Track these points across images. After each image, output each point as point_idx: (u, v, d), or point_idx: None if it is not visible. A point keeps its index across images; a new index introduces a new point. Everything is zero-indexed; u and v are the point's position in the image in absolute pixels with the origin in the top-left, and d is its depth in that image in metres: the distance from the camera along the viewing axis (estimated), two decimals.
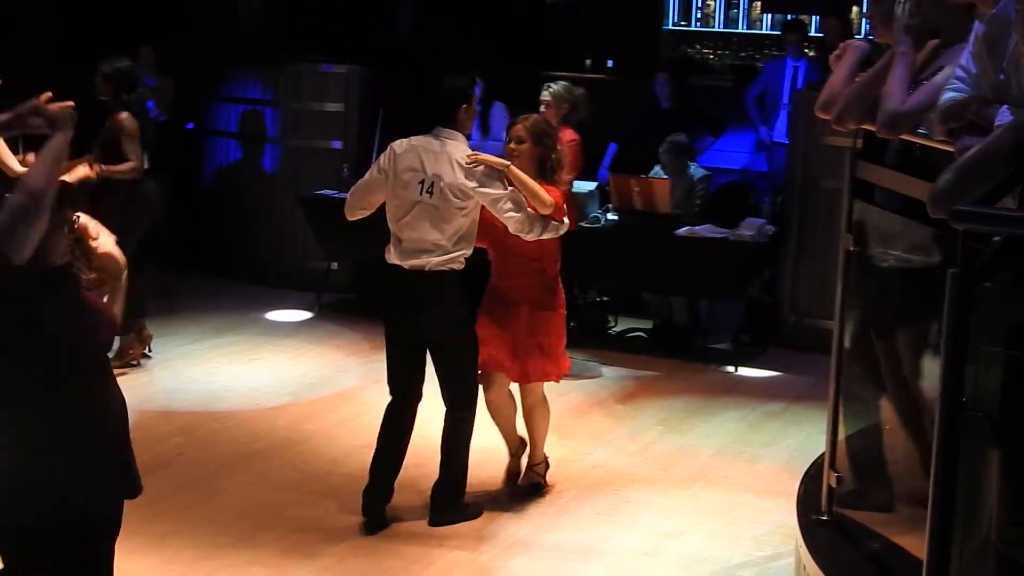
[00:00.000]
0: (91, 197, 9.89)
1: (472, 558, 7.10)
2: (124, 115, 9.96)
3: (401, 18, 17.10)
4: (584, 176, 10.95)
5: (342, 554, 7.08)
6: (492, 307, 7.83)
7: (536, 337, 7.82)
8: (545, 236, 7.49)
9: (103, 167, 9.77)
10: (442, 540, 7.29)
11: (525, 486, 8.11)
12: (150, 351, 10.33)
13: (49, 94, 4.58)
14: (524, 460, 8.14)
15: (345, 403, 9.54)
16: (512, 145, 7.76)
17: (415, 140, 7.58)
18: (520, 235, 7.46)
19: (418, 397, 7.67)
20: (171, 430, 8.86)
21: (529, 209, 7.42)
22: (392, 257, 7.53)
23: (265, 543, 7.19)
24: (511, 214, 7.38)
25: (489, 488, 8.04)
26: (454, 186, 7.38)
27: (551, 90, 10.01)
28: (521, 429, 8.08)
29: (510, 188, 7.41)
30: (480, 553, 7.16)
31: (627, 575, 7.00)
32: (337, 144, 12.83)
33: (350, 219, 7.88)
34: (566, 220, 7.62)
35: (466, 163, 7.43)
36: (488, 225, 7.61)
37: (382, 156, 7.69)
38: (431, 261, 7.40)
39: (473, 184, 7.37)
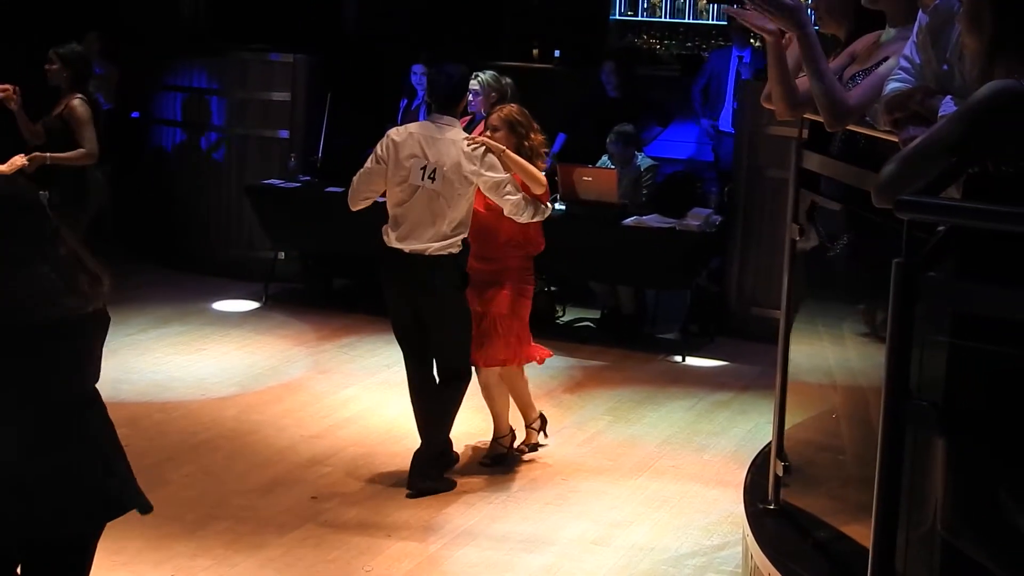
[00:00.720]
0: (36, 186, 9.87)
1: (420, 548, 7.09)
2: (76, 101, 9.91)
3: (348, 7, 17.05)
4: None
5: (288, 545, 7.06)
6: (469, 290, 7.95)
7: (506, 322, 8.04)
8: (535, 219, 7.77)
9: (52, 155, 9.73)
10: (390, 531, 7.28)
11: (489, 459, 8.32)
12: None
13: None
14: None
15: (292, 393, 9.51)
16: (487, 134, 7.94)
17: (413, 128, 7.82)
18: (515, 217, 7.71)
19: (446, 365, 7.91)
20: (116, 421, 8.63)
21: (523, 193, 7.69)
22: (392, 241, 7.70)
23: (211, 534, 7.16)
24: (510, 197, 7.64)
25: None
26: (456, 171, 7.59)
27: (479, 79, 10.00)
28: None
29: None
30: (428, 543, 7.15)
31: (574, 564, 7.00)
32: (284, 133, 12.78)
33: (354, 209, 8.01)
34: (550, 204, 7.89)
35: (468, 147, 7.65)
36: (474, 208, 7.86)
37: (379, 145, 7.84)
38: (432, 246, 7.61)
39: (474, 168, 7.60)
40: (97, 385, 4.99)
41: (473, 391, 8.16)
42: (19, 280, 4.54)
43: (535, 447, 8.56)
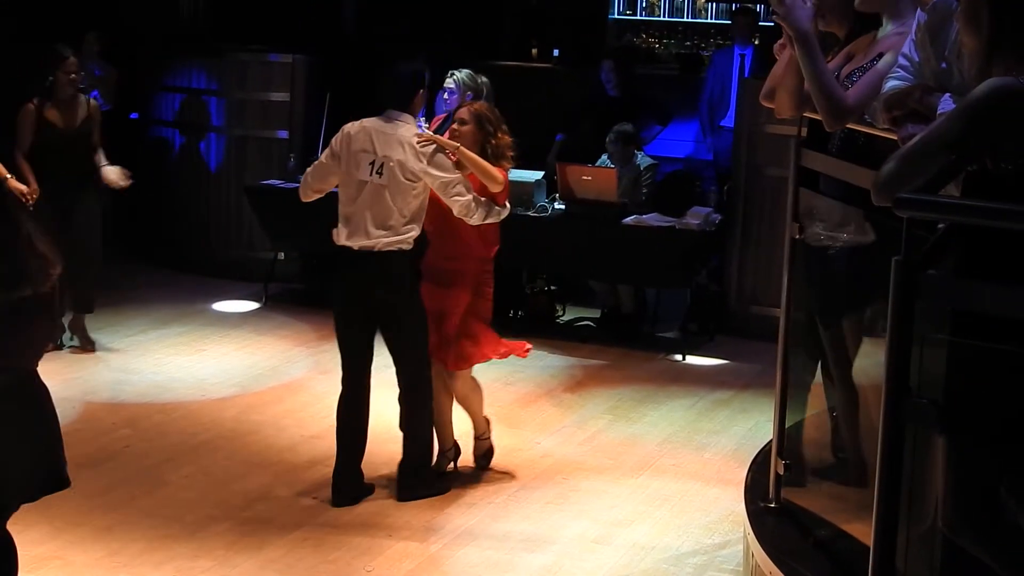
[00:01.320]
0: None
1: (421, 548, 7.09)
2: (94, 103, 10.05)
3: (347, 7, 17.05)
4: (531, 165, 10.94)
5: (289, 545, 7.06)
6: (427, 287, 7.86)
7: (467, 322, 7.92)
8: (488, 221, 7.63)
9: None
10: (390, 531, 7.28)
11: (479, 456, 8.27)
12: (62, 344, 10.25)
13: None
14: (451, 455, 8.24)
15: (292, 394, 9.51)
16: (455, 126, 7.90)
17: (367, 122, 7.69)
18: (465, 219, 7.56)
19: (369, 380, 7.77)
20: (117, 422, 8.81)
21: (475, 194, 7.55)
22: (341, 238, 7.60)
23: (212, 535, 7.15)
24: (458, 198, 7.50)
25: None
26: (404, 167, 7.48)
27: (455, 77, 10.00)
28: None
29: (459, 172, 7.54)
30: (429, 543, 7.15)
31: (575, 563, 7.00)
32: (283, 134, 12.78)
33: (304, 201, 7.98)
34: (507, 205, 7.76)
35: (418, 143, 7.55)
36: (433, 204, 7.70)
37: (335, 139, 7.79)
38: (380, 242, 7.49)
39: (423, 166, 7.48)
40: (98, 385, 5.00)
41: None
42: None
43: (488, 456, 8.37)
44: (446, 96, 9.82)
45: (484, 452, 8.28)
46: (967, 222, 4.06)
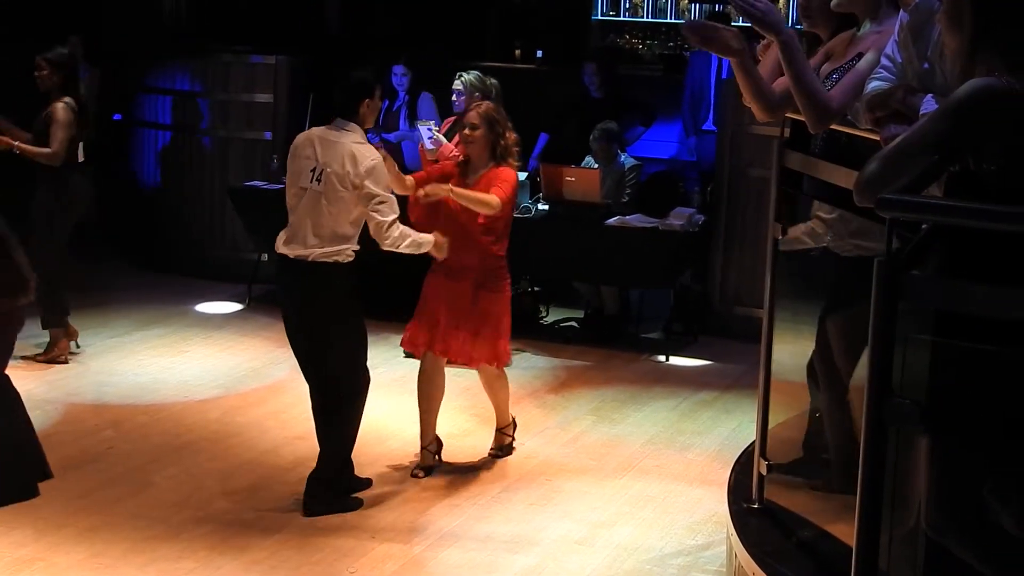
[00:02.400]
0: (21, 191, 9.90)
1: (404, 550, 7.08)
2: (60, 104, 9.89)
3: (330, 8, 17.04)
4: None
5: (273, 547, 7.05)
6: (436, 280, 8.02)
7: (473, 319, 8.00)
8: (400, 248, 7.50)
9: (20, 144, 9.72)
10: (374, 532, 7.27)
11: (495, 449, 8.38)
12: (78, 346, 10.25)
13: None
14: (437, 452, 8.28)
15: (276, 395, 9.50)
16: (466, 131, 8.03)
17: (315, 130, 7.68)
18: (375, 236, 7.46)
19: (327, 381, 7.67)
20: (100, 423, 8.79)
21: (395, 219, 7.46)
22: (279, 245, 7.56)
23: (195, 536, 7.14)
24: (376, 215, 7.41)
25: (422, 479, 8.03)
26: (342, 176, 7.42)
27: (463, 79, 9.99)
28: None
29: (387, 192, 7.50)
30: (412, 545, 7.14)
31: (559, 565, 7.00)
32: (267, 135, 12.77)
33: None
34: (428, 238, 7.66)
35: (415, 198, 7.86)
36: (443, 206, 7.89)
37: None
38: (314, 252, 7.42)
39: (359, 175, 7.40)
40: (81, 387, 5.02)
41: (458, 390, 8.18)
42: None
43: (509, 450, 8.55)
44: (454, 98, 9.85)
45: (502, 446, 8.43)
46: (950, 222, 4.06)
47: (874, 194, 4.06)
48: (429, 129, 9.43)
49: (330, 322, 7.52)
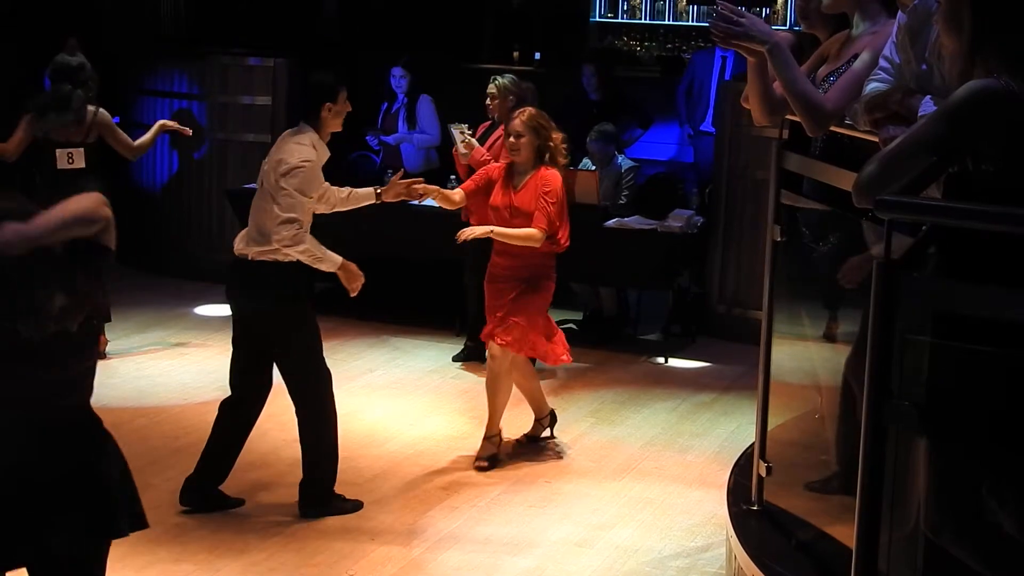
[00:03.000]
0: (28, 194, 9.89)
1: (404, 552, 7.08)
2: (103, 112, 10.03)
3: (327, 10, 17.04)
4: None
5: (271, 549, 7.05)
6: (490, 287, 8.35)
7: (514, 313, 8.19)
8: (292, 253, 7.33)
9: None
10: (373, 535, 7.27)
11: (486, 460, 8.35)
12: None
13: None
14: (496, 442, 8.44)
15: (273, 397, 9.40)
16: (511, 139, 8.19)
17: (285, 132, 7.70)
18: (274, 232, 7.30)
19: (256, 399, 7.66)
20: None
21: (300, 226, 7.34)
22: (235, 247, 7.56)
23: (194, 539, 7.15)
24: (275, 210, 7.29)
25: (421, 482, 8.03)
26: (268, 172, 7.45)
27: (497, 82, 9.98)
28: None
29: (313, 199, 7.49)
30: (411, 547, 7.14)
31: (559, 566, 7.00)
32: (265, 137, 12.75)
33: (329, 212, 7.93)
34: (332, 259, 7.49)
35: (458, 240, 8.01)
36: (483, 205, 8.21)
37: None
38: (253, 250, 7.38)
39: (282, 175, 7.35)
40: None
41: (457, 391, 8.18)
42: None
43: (536, 439, 8.71)
44: (488, 102, 9.86)
45: (490, 456, 8.38)
46: (948, 224, 4.06)
47: (873, 196, 4.06)
48: (462, 132, 9.43)
49: (275, 323, 7.44)
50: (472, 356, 10.21)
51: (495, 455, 8.35)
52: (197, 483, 7.58)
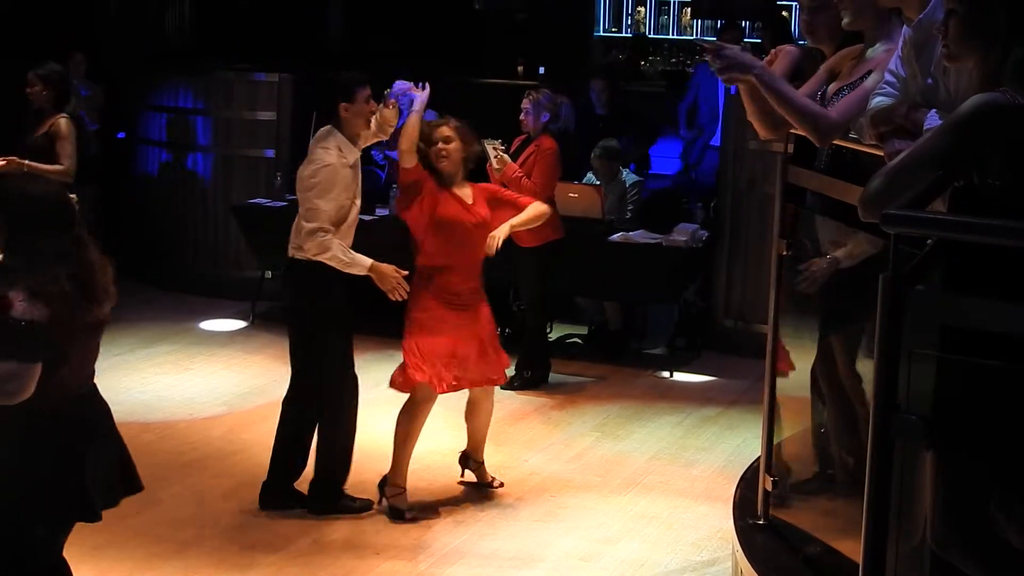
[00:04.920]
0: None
1: (409, 567, 7.08)
2: (62, 119, 9.95)
3: (331, 25, 17.06)
4: None
5: (278, 564, 7.05)
6: (445, 314, 7.73)
7: (493, 336, 8.06)
8: (323, 259, 7.47)
9: (29, 163, 9.72)
10: (378, 549, 7.27)
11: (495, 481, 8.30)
12: None
13: None
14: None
15: (276, 408, 9.48)
16: (439, 145, 7.85)
17: (316, 136, 7.80)
18: (299, 241, 7.50)
19: (299, 390, 7.80)
20: None
21: (319, 236, 7.46)
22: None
23: (201, 553, 7.15)
24: (304, 222, 7.46)
25: (427, 496, 8.02)
26: (296, 178, 7.69)
27: (531, 97, 9.98)
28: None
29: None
30: (417, 562, 7.14)
31: None
32: (269, 153, 12.77)
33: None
34: (363, 262, 7.60)
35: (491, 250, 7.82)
36: (459, 228, 7.70)
37: None
38: (289, 248, 7.62)
39: (300, 190, 7.55)
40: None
41: (459, 408, 8.17)
42: (37, 279, 4.68)
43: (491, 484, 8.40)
44: (522, 117, 9.87)
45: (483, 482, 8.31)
46: (954, 238, 4.06)
47: (878, 209, 4.06)
48: (495, 148, 9.45)
49: (295, 319, 7.70)
50: (527, 385, 10.25)
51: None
52: (271, 483, 7.79)
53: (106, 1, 15.52)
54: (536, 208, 7.98)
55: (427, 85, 7.83)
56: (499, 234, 7.82)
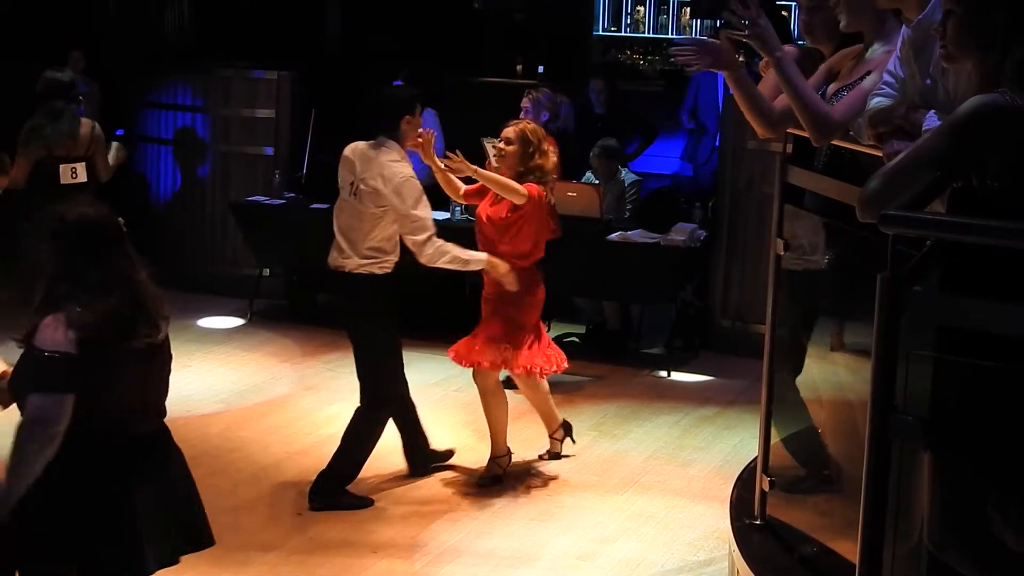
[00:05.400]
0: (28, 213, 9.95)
1: (405, 566, 7.08)
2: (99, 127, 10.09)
3: (330, 23, 17.05)
4: None
5: (274, 562, 7.05)
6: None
7: (499, 324, 8.14)
8: (440, 264, 7.73)
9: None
10: (375, 548, 7.27)
11: (487, 479, 8.29)
12: None
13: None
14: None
15: (278, 410, 9.50)
16: (501, 145, 8.11)
17: (361, 144, 7.88)
18: (416, 254, 7.74)
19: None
20: None
21: (431, 236, 7.67)
22: (329, 257, 7.82)
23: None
24: (411, 237, 7.68)
25: (422, 495, 8.03)
26: (374, 194, 7.65)
27: (531, 96, 9.97)
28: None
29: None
30: (413, 561, 7.14)
31: None
32: (268, 150, 12.78)
33: None
34: (478, 257, 7.90)
35: (442, 165, 7.94)
36: (480, 234, 8.06)
37: None
38: (349, 263, 7.70)
39: (390, 196, 7.62)
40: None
41: (459, 404, 8.17)
42: (97, 307, 4.61)
43: (557, 456, 8.70)
44: (522, 116, 9.88)
45: (492, 475, 8.33)
46: (952, 239, 4.05)
47: (877, 210, 4.05)
48: (494, 147, 9.45)
49: (361, 332, 7.82)
50: None
51: (499, 475, 8.32)
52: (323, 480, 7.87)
53: None
54: (517, 185, 7.98)
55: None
56: (462, 164, 8.01)
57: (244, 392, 9.93)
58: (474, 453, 8.59)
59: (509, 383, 8.49)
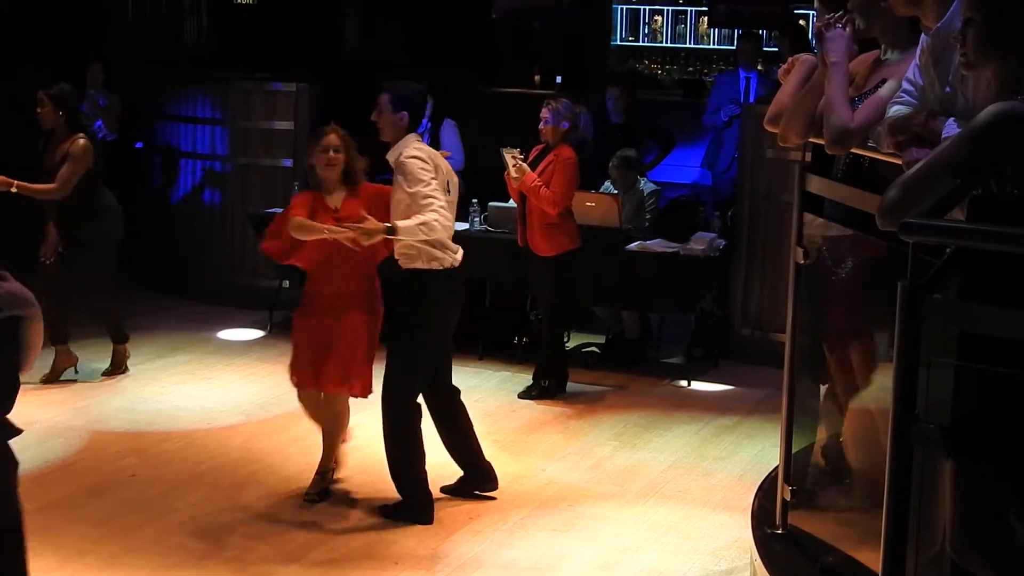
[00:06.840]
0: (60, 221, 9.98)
1: None
2: (81, 139, 9.93)
3: (349, 35, 17.09)
4: None
5: (295, 573, 7.05)
6: (315, 320, 8.17)
7: (361, 345, 8.02)
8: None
9: (19, 183, 9.70)
10: (396, 559, 7.26)
11: (315, 494, 8.10)
12: (76, 371, 10.31)
13: None
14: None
15: (297, 422, 9.47)
16: (330, 154, 8.07)
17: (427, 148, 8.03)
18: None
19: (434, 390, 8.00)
20: (122, 451, 8.80)
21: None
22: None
23: (217, 563, 7.14)
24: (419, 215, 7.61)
25: (446, 506, 8.02)
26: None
27: (550, 106, 9.97)
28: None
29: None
30: (435, 572, 7.13)
31: None
32: (287, 162, 12.79)
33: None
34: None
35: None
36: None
37: (421, 168, 7.82)
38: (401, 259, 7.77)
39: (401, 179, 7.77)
40: (104, 414, 5.06)
41: (478, 415, 8.17)
42: None
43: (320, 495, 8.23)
44: (542, 126, 9.88)
45: (321, 490, 8.14)
46: (972, 246, 4.05)
47: (897, 218, 4.05)
48: (513, 157, 9.46)
49: (397, 325, 7.85)
50: (545, 395, 10.26)
51: (327, 489, 8.16)
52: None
53: (124, 11, 15.59)
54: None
55: None
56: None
57: (264, 404, 9.94)
58: (496, 464, 8.53)
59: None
